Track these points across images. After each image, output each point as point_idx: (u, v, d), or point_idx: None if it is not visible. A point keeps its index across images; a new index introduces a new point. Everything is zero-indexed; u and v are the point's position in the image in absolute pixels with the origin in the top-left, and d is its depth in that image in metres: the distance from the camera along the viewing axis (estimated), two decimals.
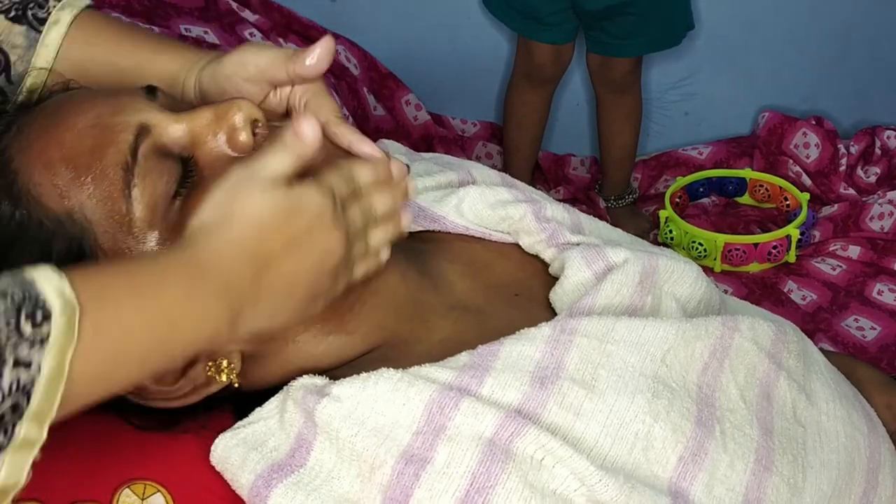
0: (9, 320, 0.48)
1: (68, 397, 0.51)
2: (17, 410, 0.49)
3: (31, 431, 0.50)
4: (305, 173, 0.64)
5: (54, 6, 0.80)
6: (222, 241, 0.60)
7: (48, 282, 0.51)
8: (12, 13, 0.79)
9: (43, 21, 0.79)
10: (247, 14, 2.07)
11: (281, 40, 2.06)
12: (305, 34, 2.11)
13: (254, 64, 0.73)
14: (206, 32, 1.98)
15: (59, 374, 0.50)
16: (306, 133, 0.62)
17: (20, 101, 0.71)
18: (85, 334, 0.51)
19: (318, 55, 0.71)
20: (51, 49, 0.79)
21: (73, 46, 0.79)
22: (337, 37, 2.13)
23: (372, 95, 2.16)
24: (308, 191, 0.62)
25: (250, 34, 2.04)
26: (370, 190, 0.68)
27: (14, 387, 0.48)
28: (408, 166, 0.72)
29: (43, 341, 0.49)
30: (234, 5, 2.06)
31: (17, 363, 0.48)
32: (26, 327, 0.49)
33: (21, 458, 0.50)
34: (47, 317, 0.50)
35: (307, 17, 2.12)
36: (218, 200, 0.62)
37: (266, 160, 0.62)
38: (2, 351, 0.48)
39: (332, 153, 0.69)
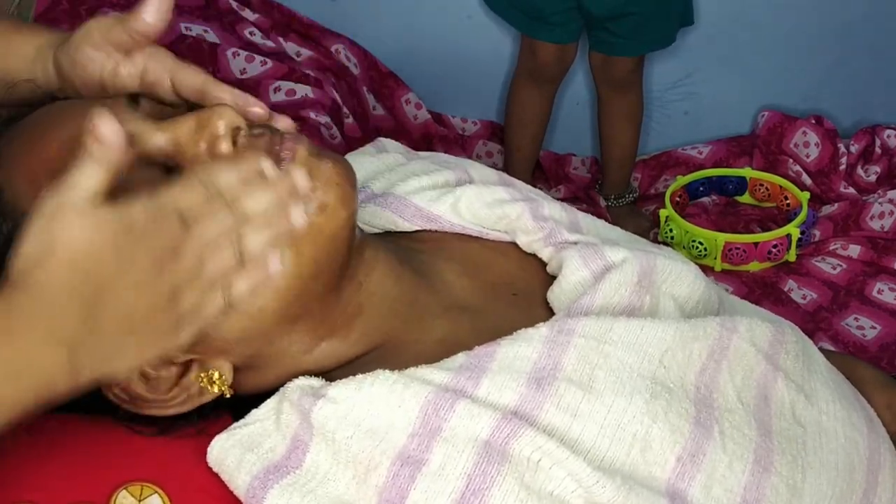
0: None
1: None
2: None
3: None
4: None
5: None
6: (44, 279, 0.54)
7: None
8: None
9: None
10: (247, 13, 2.07)
11: (281, 39, 2.06)
12: (306, 33, 2.11)
13: (96, 29, 0.72)
14: (206, 31, 1.98)
15: None
16: (105, 134, 0.54)
17: (7, 116, 0.70)
18: None
19: (152, 10, 0.69)
20: None
21: None
22: (337, 36, 2.13)
23: (372, 95, 2.16)
24: (132, 207, 0.56)
25: (250, 33, 2.04)
26: (239, 192, 0.60)
27: None
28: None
29: None
30: (235, 4, 2.06)
31: None
32: None
33: None
34: None
35: (307, 16, 2.12)
36: (35, 232, 0.54)
37: (76, 179, 0.55)
38: None
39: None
